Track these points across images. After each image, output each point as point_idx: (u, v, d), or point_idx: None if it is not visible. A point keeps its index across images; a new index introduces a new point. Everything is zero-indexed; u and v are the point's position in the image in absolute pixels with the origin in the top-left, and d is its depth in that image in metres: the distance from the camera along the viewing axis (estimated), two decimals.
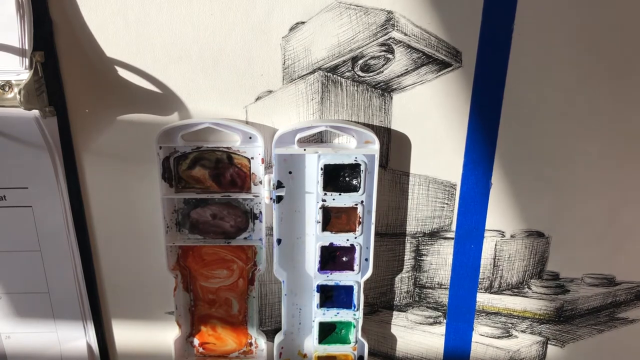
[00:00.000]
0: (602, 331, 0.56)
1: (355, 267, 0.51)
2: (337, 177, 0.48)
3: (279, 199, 0.49)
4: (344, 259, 0.51)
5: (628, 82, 0.47)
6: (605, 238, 0.52)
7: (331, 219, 0.49)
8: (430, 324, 0.56)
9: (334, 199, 0.48)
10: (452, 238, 0.52)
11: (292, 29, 0.45)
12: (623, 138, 0.49)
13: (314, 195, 0.49)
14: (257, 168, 0.49)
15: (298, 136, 0.47)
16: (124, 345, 0.56)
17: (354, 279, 0.51)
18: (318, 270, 0.51)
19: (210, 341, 0.56)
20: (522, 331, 0.56)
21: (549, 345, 0.57)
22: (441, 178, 0.50)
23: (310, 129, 0.47)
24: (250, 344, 0.56)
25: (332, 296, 0.52)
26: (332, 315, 0.53)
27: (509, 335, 0.57)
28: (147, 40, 0.44)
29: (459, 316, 0.56)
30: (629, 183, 0.50)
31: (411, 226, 0.52)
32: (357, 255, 0.50)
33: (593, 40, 0.45)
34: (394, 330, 0.57)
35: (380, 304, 0.55)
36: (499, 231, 0.52)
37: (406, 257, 0.53)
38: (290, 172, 0.48)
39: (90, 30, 0.44)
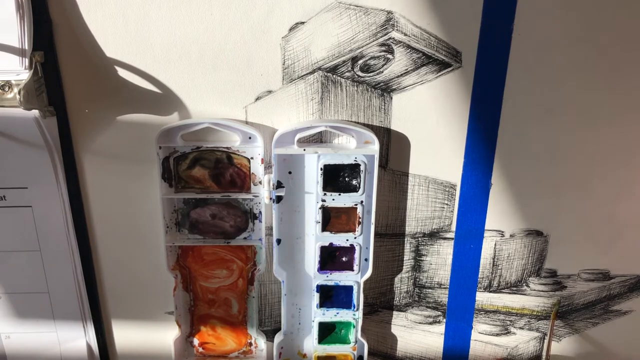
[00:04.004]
0: (597, 324, 0.57)
1: (355, 267, 0.51)
2: (337, 177, 0.48)
3: (279, 199, 0.49)
4: (343, 259, 0.51)
5: (627, 82, 0.47)
6: (601, 234, 0.53)
7: (331, 219, 0.49)
8: (430, 323, 0.56)
9: (333, 199, 0.48)
10: (452, 238, 0.52)
11: (292, 29, 0.45)
12: (621, 137, 0.49)
13: (313, 195, 0.49)
14: (257, 168, 0.49)
15: (298, 136, 0.47)
16: (124, 345, 0.56)
17: (353, 279, 0.51)
18: (318, 270, 0.51)
19: (210, 341, 0.56)
20: (520, 328, 0.57)
21: (546, 341, 0.57)
22: (441, 178, 0.50)
23: (310, 129, 0.47)
24: (250, 344, 0.56)
25: (331, 296, 0.53)
26: (332, 315, 0.53)
27: (507, 333, 0.57)
28: (147, 40, 0.44)
29: (458, 315, 0.56)
30: (624, 181, 0.50)
31: (411, 226, 0.52)
32: (356, 255, 0.50)
33: (592, 40, 0.45)
34: (394, 330, 0.57)
35: (380, 304, 0.55)
36: (499, 231, 0.52)
37: (406, 257, 0.53)
38: (290, 172, 0.48)
39: (90, 30, 0.44)
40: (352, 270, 0.51)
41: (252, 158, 0.48)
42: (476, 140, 0.48)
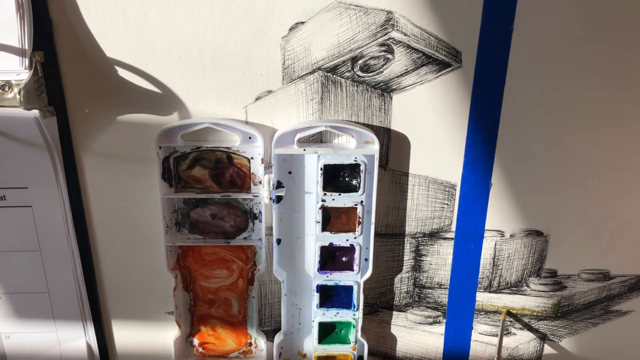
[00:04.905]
0: (597, 324, 0.57)
1: (355, 267, 0.51)
2: (337, 177, 0.48)
3: (279, 199, 0.49)
4: (343, 259, 0.51)
5: (626, 83, 0.47)
6: (601, 234, 0.53)
7: (331, 219, 0.49)
8: (430, 323, 0.56)
9: (333, 199, 0.48)
10: (452, 238, 0.52)
11: (291, 29, 0.45)
12: (620, 137, 0.49)
13: (313, 195, 0.49)
14: (257, 168, 0.49)
15: (298, 136, 0.47)
16: (124, 345, 0.56)
17: (353, 279, 0.51)
18: (318, 271, 0.51)
19: (210, 341, 0.56)
20: (521, 328, 0.57)
21: (546, 341, 0.57)
22: (441, 178, 0.50)
23: (310, 129, 0.47)
24: (250, 344, 0.56)
25: (331, 296, 0.53)
26: (332, 315, 0.53)
27: (507, 333, 0.57)
28: (147, 40, 0.44)
29: (459, 316, 0.56)
30: (624, 181, 0.50)
31: (411, 226, 0.52)
32: (356, 255, 0.50)
33: (592, 40, 0.45)
34: (394, 330, 0.57)
35: (380, 304, 0.55)
36: (499, 231, 0.52)
37: (406, 258, 0.53)
38: (290, 172, 0.48)
39: (90, 30, 0.44)
40: (352, 270, 0.51)
41: (252, 158, 0.49)
42: (476, 140, 0.48)
